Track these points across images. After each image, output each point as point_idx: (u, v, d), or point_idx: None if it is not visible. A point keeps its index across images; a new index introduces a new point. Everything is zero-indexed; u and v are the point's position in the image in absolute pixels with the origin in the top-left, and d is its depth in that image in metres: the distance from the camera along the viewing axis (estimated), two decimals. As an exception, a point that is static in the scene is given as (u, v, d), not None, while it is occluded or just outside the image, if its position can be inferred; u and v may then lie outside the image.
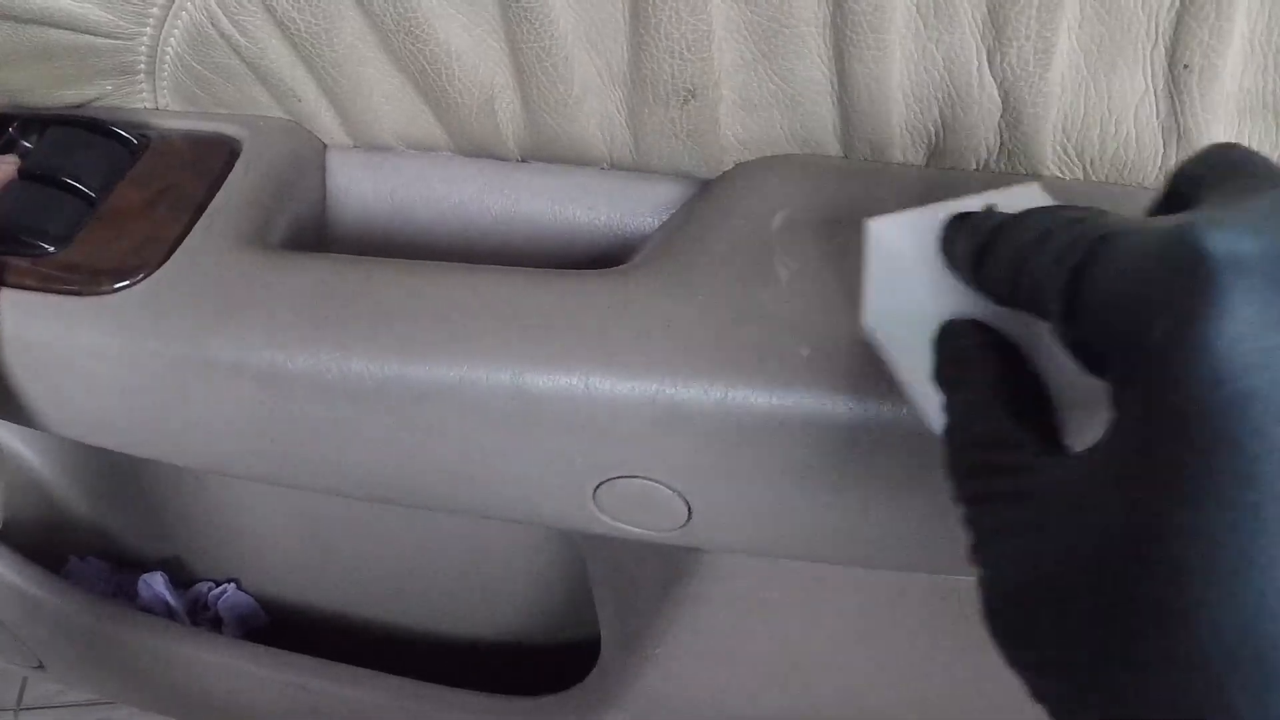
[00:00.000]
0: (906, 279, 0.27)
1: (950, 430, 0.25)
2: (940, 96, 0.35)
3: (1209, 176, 0.22)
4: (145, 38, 0.40)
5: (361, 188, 0.45)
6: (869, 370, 0.31)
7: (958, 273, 0.25)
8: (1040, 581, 0.20)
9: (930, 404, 0.26)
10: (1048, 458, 0.22)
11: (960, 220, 0.26)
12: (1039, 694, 0.21)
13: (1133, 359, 0.19)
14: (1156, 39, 0.31)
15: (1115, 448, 0.19)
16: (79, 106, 0.44)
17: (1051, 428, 0.24)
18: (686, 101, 0.37)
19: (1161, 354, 0.18)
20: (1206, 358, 0.17)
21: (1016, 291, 0.23)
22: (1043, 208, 0.24)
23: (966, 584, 0.40)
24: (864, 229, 0.28)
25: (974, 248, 0.24)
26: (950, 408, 0.25)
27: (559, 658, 0.65)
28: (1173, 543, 0.17)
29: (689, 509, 0.36)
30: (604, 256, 0.43)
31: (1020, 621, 0.21)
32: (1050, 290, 0.21)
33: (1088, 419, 0.23)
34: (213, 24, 0.39)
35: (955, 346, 0.25)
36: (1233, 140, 0.32)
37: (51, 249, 0.39)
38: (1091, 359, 0.21)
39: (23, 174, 0.41)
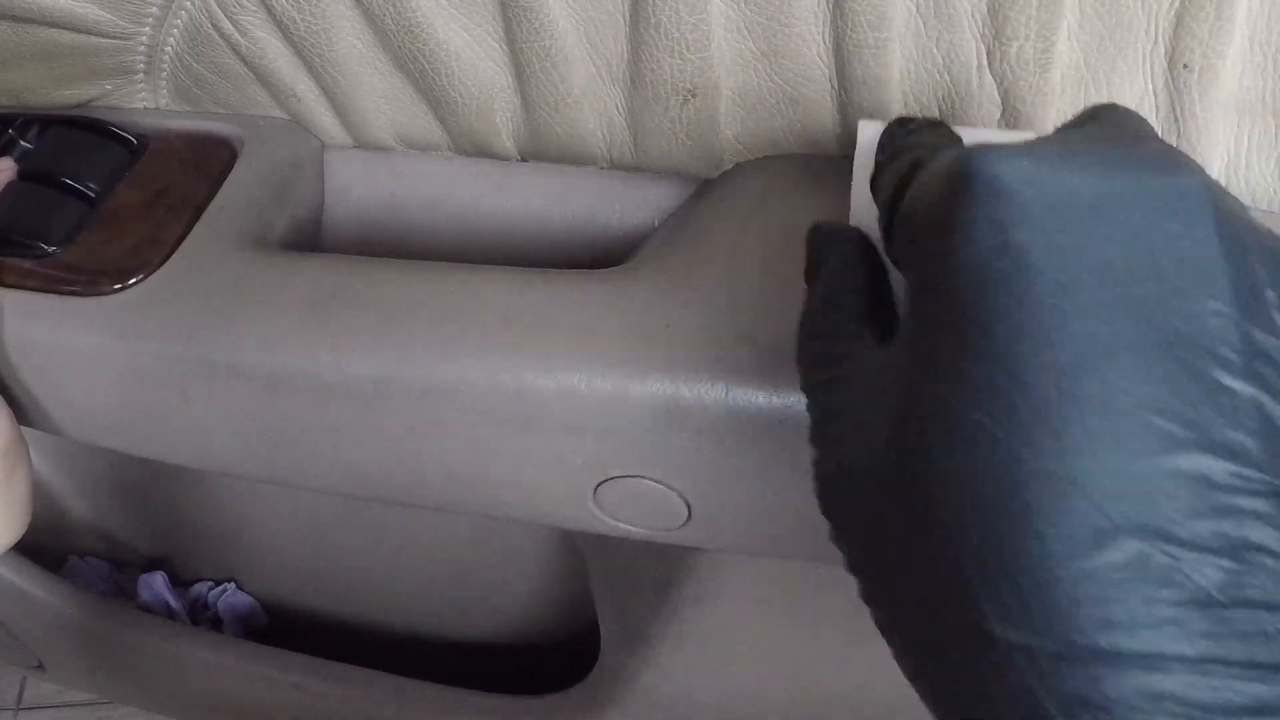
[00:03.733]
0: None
1: (802, 320, 0.26)
2: (940, 96, 0.35)
3: (1072, 123, 0.24)
4: (144, 37, 0.40)
5: (361, 188, 0.45)
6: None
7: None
8: (849, 460, 0.22)
9: None
10: (875, 349, 0.23)
11: (887, 132, 0.28)
12: (850, 567, 0.23)
13: (911, 261, 0.22)
14: (1156, 39, 0.31)
15: (900, 337, 0.22)
16: (79, 106, 0.44)
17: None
18: (686, 101, 0.37)
19: (924, 255, 0.21)
20: (954, 257, 0.19)
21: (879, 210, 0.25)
22: (918, 132, 0.26)
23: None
24: (857, 127, 0.30)
25: (878, 162, 0.27)
26: (807, 299, 0.27)
27: (559, 657, 0.65)
28: (927, 421, 0.19)
29: (689, 509, 0.36)
30: (604, 256, 0.43)
31: (834, 498, 0.23)
32: (881, 209, 0.24)
33: None
34: (212, 24, 0.39)
35: (820, 243, 0.27)
36: (1231, 141, 0.32)
37: (51, 250, 0.39)
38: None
39: (23, 175, 0.41)
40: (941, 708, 0.20)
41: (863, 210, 0.30)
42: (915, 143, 0.26)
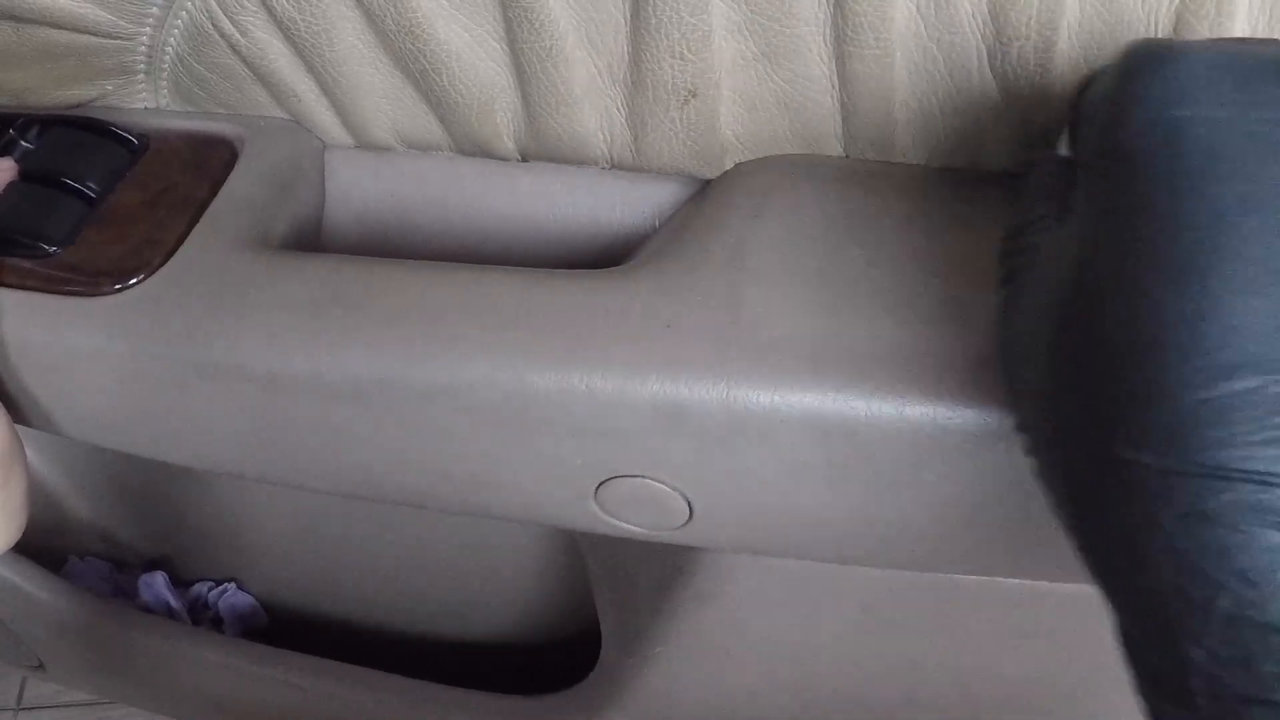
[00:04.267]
0: None
1: (1006, 228, 0.29)
2: (940, 96, 0.35)
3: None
4: (145, 37, 0.40)
5: (361, 188, 0.45)
6: (870, 369, 0.31)
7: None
8: (1028, 322, 0.25)
9: None
10: (1058, 231, 0.25)
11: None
12: (1018, 425, 0.25)
13: (1084, 145, 0.24)
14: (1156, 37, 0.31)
15: (1073, 212, 0.24)
16: (79, 107, 0.44)
17: None
18: (687, 101, 0.37)
19: (1095, 134, 0.23)
20: (1119, 131, 0.22)
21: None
22: None
23: (967, 583, 0.40)
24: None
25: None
26: (1014, 213, 0.29)
27: (559, 657, 0.65)
28: (1090, 273, 0.22)
29: (690, 508, 0.36)
30: (604, 256, 0.43)
31: (1011, 358, 0.25)
32: (1068, 114, 0.27)
33: None
34: (213, 24, 0.39)
35: (1028, 169, 0.30)
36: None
37: (52, 250, 0.39)
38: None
39: (23, 175, 0.41)
40: (1079, 536, 0.22)
41: None
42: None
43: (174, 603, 0.69)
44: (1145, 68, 0.22)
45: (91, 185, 0.41)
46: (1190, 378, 0.19)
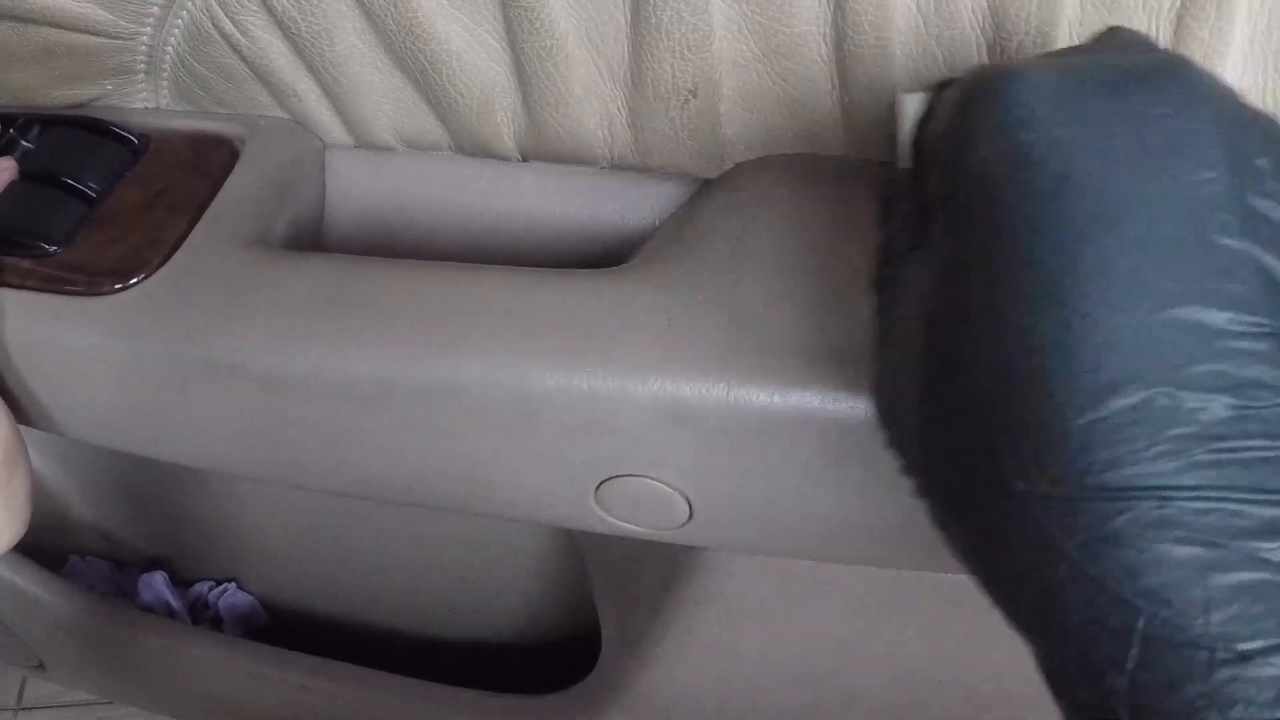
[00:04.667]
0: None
1: (877, 255, 0.28)
2: (941, 95, 0.35)
3: (1080, 45, 0.27)
4: (145, 37, 0.40)
5: (362, 187, 0.45)
6: (870, 368, 0.31)
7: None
8: (898, 364, 0.24)
9: None
10: (921, 256, 0.25)
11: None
12: (904, 470, 0.25)
13: (931, 176, 0.23)
14: (1157, 38, 0.31)
15: (928, 247, 0.24)
16: (79, 106, 0.44)
17: None
18: (687, 101, 0.37)
19: (941, 167, 0.23)
20: (964, 163, 0.22)
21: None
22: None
23: (967, 582, 0.40)
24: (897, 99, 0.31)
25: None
26: (881, 240, 0.29)
27: (559, 657, 0.65)
28: (950, 311, 0.21)
29: (690, 508, 0.36)
30: (605, 256, 0.43)
31: (887, 403, 0.25)
32: (912, 140, 0.26)
33: None
34: (213, 23, 0.39)
35: (889, 190, 0.29)
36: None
37: (52, 249, 0.39)
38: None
39: (24, 174, 0.41)
40: (984, 574, 0.22)
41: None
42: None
43: (174, 602, 0.69)
44: (986, 93, 0.22)
45: (92, 185, 0.41)
46: (1072, 401, 0.19)
